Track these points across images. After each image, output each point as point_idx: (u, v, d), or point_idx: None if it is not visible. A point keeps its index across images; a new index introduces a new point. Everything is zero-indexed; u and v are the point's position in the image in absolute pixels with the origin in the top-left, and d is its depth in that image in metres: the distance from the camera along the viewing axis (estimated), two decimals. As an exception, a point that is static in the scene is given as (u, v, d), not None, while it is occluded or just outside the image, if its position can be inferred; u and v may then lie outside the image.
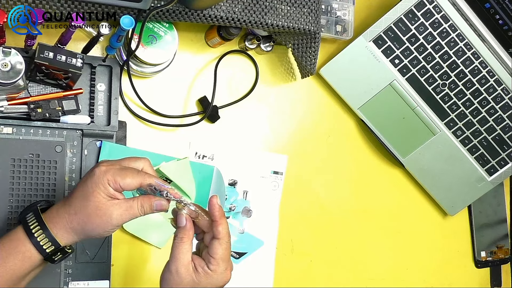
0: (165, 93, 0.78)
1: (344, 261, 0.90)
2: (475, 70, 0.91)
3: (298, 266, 0.86)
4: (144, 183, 0.55)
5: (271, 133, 0.85)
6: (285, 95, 0.86)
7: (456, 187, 0.95)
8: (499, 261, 1.02)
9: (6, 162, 0.65)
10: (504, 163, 0.96)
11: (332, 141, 0.90)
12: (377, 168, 0.93)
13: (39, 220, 0.55)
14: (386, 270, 0.94)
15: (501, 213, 1.03)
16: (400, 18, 0.87)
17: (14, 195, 0.66)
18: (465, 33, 0.89)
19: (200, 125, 0.78)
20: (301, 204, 0.87)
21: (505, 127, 0.94)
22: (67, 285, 0.68)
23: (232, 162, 0.81)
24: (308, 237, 0.87)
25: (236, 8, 0.71)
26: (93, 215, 0.54)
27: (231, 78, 0.82)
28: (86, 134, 0.69)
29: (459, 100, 0.92)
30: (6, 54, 0.59)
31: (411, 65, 0.89)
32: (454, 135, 0.93)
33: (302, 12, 0.75)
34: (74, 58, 0.64)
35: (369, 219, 0.92)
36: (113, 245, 0.71)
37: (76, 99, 0.68)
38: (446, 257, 0.99)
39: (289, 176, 0.85)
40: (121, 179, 0.54)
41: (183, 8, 0.68)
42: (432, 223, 0.98)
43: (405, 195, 0.96)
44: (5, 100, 0.64)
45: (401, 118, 0.90)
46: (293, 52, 0.81)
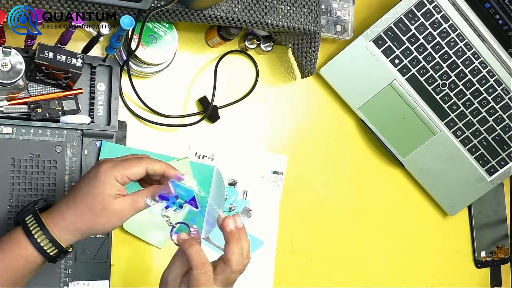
0: (165, 93, 0.78)
1: (344, 261, 0.90)
2: (475, 70, 0.91)
3: (298, 266, 0.86)
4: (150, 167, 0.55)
5: (271, 133, 0.85)
6: (285, 95, 0.86)
7: (456, 187, 0.95)
8: (499, 261, 1.02)
9: (6, 162, 0.65)
10: (504, 163, 0.96)
11: (332, 141, 0.90)
12: (377, 168, 0.93)
13: (39, 223, 0.54)
14: (386, 270, 0.94)
15: (501, 213, 1.03)
16: (400, 18, 0.87)
17: (14, 195, 0.66)
18: (465, 33, 0.89)
19: (200, 125, 0.78)
20: (301, 204, 0.87)
21: (505, 127, 0.94)
22: (67, 285, 0.67)
23: (232, 162, 0.81)
24: (308, 237, 0.87)
25: (236, 8, 0.71)
26: (100, 215, 0.54)
27: (231, 78, 0.82)
28: (86, 134, 0.69)
29: (459, 100, 0.92)
30: (6, 54, 0.59)
31: (411, 65, 0.89)
32: (454, 135, 0.93)
33: (302, 12, 0.75)
34: (74, 58, 0.64)
35: (369, 219, 0.92)
36: (113, 245, 0.71)
37: (76, 99, 0.68)
38: (446, 257, 0.99)
39: (289, 176, 0.85)
40: (126, 170, 0.54)
41: (183, 8, 0.68)
42: (432, 223, 0.98)
43: (405, 195, 0.96)
44: (5, 100, 0.64)
45: (401, 118, 0.90)
46: (293, 52, 0.81)
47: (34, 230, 0.53)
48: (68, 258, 0.67)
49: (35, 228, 0.53)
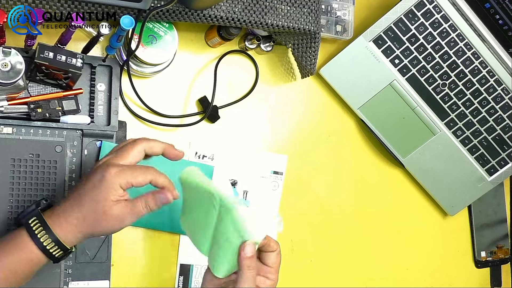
0: (165, 93, 0.78)
1: (344, 261, 0.90)
2: (475, 70, 0.91)
3: (298, 266, 0.86)
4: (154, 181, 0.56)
5: (271, 133, 0.85)
6: (285, 95, 0.86)
7: (456, 187, 0.95)
8: (499, 261, 1.02)
9: (6, 162, 0.65)
10: (504, 163, 0.96)
11: (332, 141, 0.90)
12: (377, 168, 0.93)
13: (44, 226, 0.54)
14: (386, 270, 0.94)
15: (501, 213, 1.03)
16: (400, 18, 0.87)
17: (14, 195, 0.65)
18: (465, 33, 0.89)
19: (200, 125, 0.78)
20: (301, 204, 0.87)
21: (505, 127, 0.94)
22: (67, 285, 0.67)
23: (232, 162, 0.81)
24: (308, 237, 0.87)
25: (236, 8, 0.71)
26: (101, 219, 0.54)
27: (231, 78, 0.82)
28: (86, 134, 0.69)
29: (459, 100, 0.92)
30: (6, 54, 0.59)
31: (411, 65, 0.89)
32: (454, 135, 0.93)
33: (302, 12, 0.75)
34: (74, 58, 0.64)
35: (369, 219, 0.92)
36: (113, 245, 0.71)
37: (76, 99, 0.68)
38: (446, 257, 0.99)
39: (289, 176, 0.85)
40: (133, 179, 0.55)
41: (183, 8, 0.68)
42: (432, 223, 0.98)
43: (405, 195, 0.96)
44: (5, 100, 0.64)
45: (401, 118, 0.90)
46: (293, 52, 0.81)
47: (40, 234, 0.54)
48: (68, 258, 0.67)
49: (41, 231, 0.54)
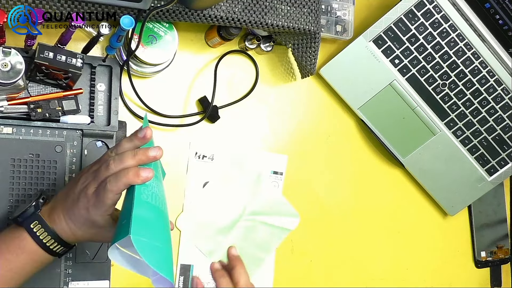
0: (165, 93, 0.78)
1: (344, 261, 0.90)
2: (475, 70, 0.91)
3: (298, 266, 0.86)
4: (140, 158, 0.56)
5: (271, 133, 0.85)
6: (285, 95, 0.86)
7: (456, 187, 0.95)
8: (499, 261, 1.02)
9: (6, 162, 0.65)
10: (504, 163, 0.96)
11: (332, 141, 0.90)
12: (377, 168, 0.93)
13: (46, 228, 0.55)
14: (386, 270, 0.94)
15: (501, 213, 1.03)
16: (400, 18, 0.87)
17: (14, 195, 0.65)
18: (465, 33, 0.89)
19: (200, 125, 0.78)
20: (301, 204, 0.87)
21: (505, 127, 0.94)
22: (67, 285, 0.67)
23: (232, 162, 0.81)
24: (308, 237, 0.87)
25: (236, 8, 0.71)
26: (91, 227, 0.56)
27: (231, 78, 0.82)
28: (86, 134, 0.69)
29: (459, 100, 0.92)
30: (6, 54, 0.59)
31: (411, 65, 0.89)
32: (454, 135, 0.93)
33: (302, 12, 0.75)
34: (74, 58, 0.64)
35: (369, 219, 0.92)
36: (113, 245, 0.71)
37: (76, 99, 0.68)
38: (446, 257, 0.99)
39: (289, 176, 0.85)
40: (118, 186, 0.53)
41: (183, 8, 0.68)
42: (432, 223, 0.98)
43: (405, 195, 0.96)
44: (5, 100, 0.64)
45: (401, 118, 0.90)
46: (293, 52, 0.81)
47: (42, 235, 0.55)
48: (68, 258, 0.68)
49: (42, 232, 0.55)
